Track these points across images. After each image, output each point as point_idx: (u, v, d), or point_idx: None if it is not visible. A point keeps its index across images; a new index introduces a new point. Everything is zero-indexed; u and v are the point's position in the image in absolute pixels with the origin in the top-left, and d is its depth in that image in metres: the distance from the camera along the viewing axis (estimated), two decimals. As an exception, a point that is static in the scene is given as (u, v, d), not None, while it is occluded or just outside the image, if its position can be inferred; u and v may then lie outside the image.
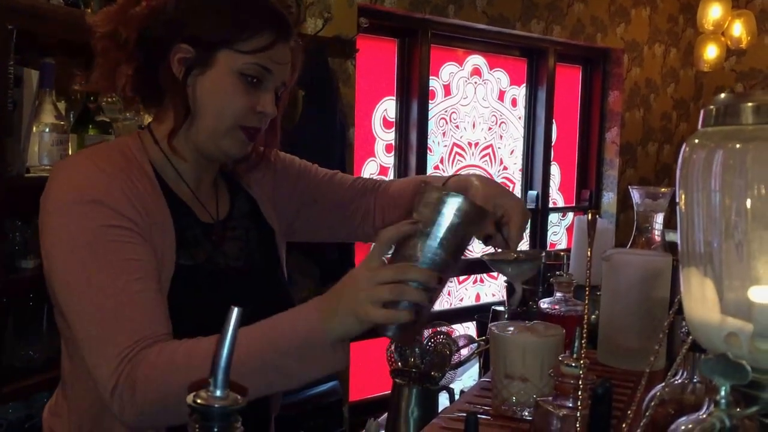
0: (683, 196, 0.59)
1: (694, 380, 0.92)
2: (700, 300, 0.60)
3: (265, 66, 1.09)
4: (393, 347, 1.43)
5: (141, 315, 0.99)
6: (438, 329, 1.49)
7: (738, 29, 4.28)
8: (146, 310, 1.00)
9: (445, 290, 3.99)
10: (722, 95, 0.57)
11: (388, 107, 3.65)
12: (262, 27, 1.08)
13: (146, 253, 1.03)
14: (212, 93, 1.08)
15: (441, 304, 3.96)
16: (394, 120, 3.67)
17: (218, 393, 0.50)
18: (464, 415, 0.97)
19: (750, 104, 0.56)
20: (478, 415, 1.03)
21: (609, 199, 4.80)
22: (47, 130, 1.86)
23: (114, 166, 1.06)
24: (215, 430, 0.49)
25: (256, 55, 1.08)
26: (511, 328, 1.22)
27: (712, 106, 0.58)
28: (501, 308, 1.97)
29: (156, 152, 1.13)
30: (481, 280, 4.18)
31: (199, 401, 0.49)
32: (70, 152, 1.92)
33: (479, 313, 2.11)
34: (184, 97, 1.09)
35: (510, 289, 2.11)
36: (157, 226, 1.07)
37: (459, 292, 4.08)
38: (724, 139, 0.56)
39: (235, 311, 0.51)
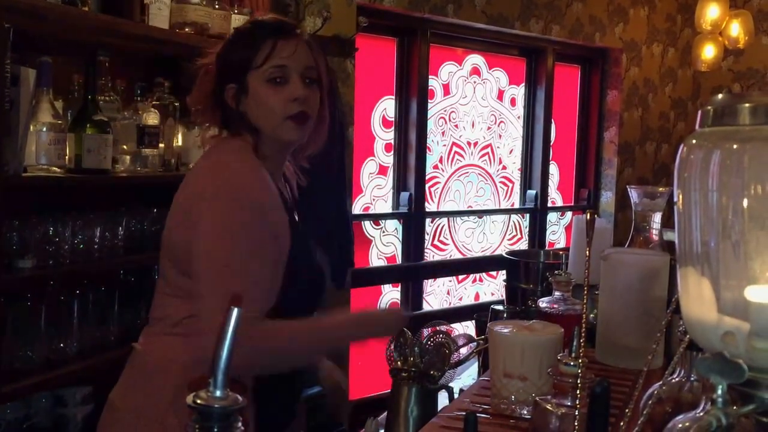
0: (681, 196, 0.59)
1: (692, 379, 0.93)
2: (698, 299, 0.60)
3: (279, 64, 1.38)
4: (392, 346, 1.43)
5: (257, 292, 1.29)
6: (437, 328, 1.49)
7: (735, 29, 4.29)
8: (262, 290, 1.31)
9: (444, 289, 3.99)
10: (719, 96, 0.58)
11: (387, 106, 3.65)
12: (264, 39, 1.39)
13: (274, 246, 1.35)
14: (257, 105, 1.40)
15: (440, 303, 3.96)
16: (393, 119, 3.67)
17: (218, 393, 0.50)
18: (463, 414, 0.97)
19: (747, 105, 0.57)
20: (478, 414, 1.03)
21: (607, 198, 4.80)
22: (45, 129, 1.86)
23: (262, 170, 1.39)
24: (215, 430, 0.49)
25: (268, 61, 1.38)
26: (510, 327, 1.22)
27: (709, 107, 0.58)
28: (500, 307, 1.97)
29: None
30: (480, 280, 4.19)
31: (199, 401, 0.50)
32: (67, 151, 1.92)
33: (478, 312, 2.11)
34: (247, 123, 1.41)
35: (510, 289, 2.11)
36: (283, 222, 1.39)
37: (458, 291, 4.08)
38: (722, 139, 0.56)
39: (235, 311, 0.51)
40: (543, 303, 1.53)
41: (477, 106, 4.09)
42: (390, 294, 3.75)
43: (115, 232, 2.08)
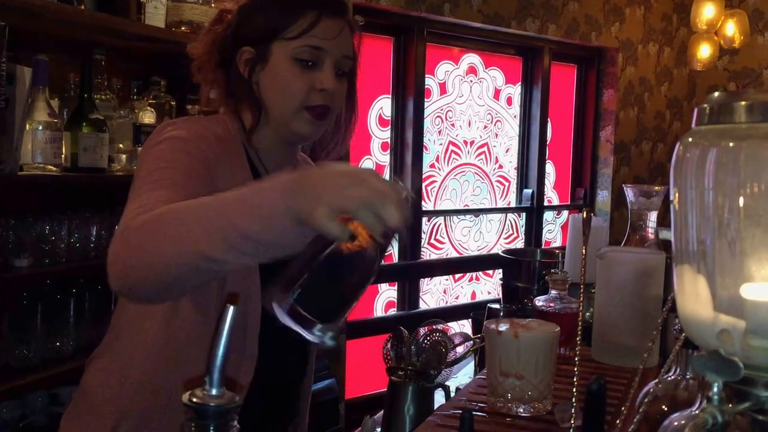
0: (677, 195, 0.59)
1: (687, 377, 0.93)
2: (693, 297, 0.60)
3: (316, 45, 1.15)
4: (389, 345, 1.43)
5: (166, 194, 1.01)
6: (434, 327, 1.49)
7: (731, 29, 4.30)
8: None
9: (441, 288, 3.99)
10: (716, 94, 0.58)
11: (383, 105, 3.65)
12: (304, 8, 1.15)
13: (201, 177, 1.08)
14: (274, 82, 1.17)
15: (437, 302, 3.96)
16: (389, 118, 3.67)
17: (214, 392, 0.50)
18: (460, 412, 0.97)
19: (743, 103, 0.57)
20: (474, 412, 1.03)
21: (603, 197, 4.81)
22: (40, 127, 1.85)
23: (219, 134, 1.15)
24: (211, 428, 0.49)
25: (304, 38, 1.14)
26: (506, 326, 1.22)
27: (705, 105, 0.58)
28: (496, 306, 1.97)
29: (244, 138, 1.21)
30: (477, 278, 4.19)
31: (194, 400, 0.50)
32: (63, 150, 1.92)
33: (475, 311, 2.12)
34: (253, 96, 1.18)
35: (506, 287, 2.12)
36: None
37: (455, 290, 4.09)
38: (718, 137, 0.56)
39: (231, 309, 0.51)
40: (539, 302, 1.53)
41: (473, 105, 4.09)
42: (387, 293, 3.75)
43: (112, 231, 2.08)
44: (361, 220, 0.82)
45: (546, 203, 4.56)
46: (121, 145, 2.13)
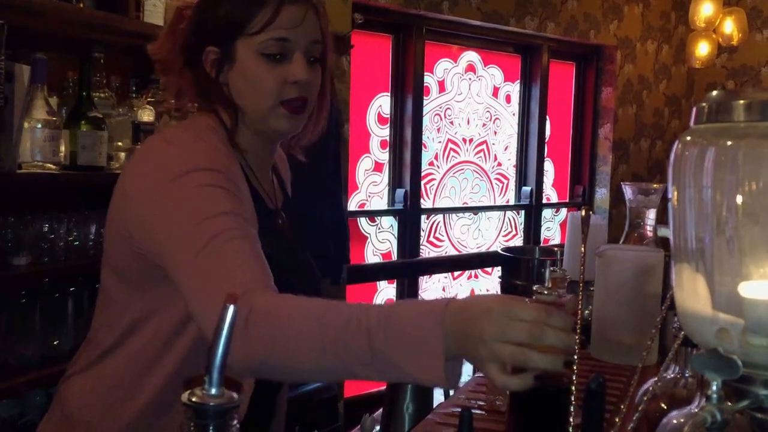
0: (675, 193, 0.59)
1: (686, 375, 0.93)
2: (692, 295, 0.60)
3: (282, 37, 1.09)
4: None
5: (244, 268, 0.95)
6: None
7: (729, 26, 4.30)
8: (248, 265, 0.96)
9: (440, 286, 3.99)
10: (714, 93, 0.58)
11: (382, 103, 3.64)
12: (263, 1, 1.09)
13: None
14: (244, 82, 1.11)
15: (435, 300, 3.95)
16: (388, 116, 3.67)
17: (213, 391, 0.50)
18: (459, 410, 0.97)
19: (742, 102, 0.57)
20: (473, 410, 1.03)
21: (602, 194, 4.81)
22: (39, 126, 1.85)
23: (213, 141, 1.10)
24: (210, 428, 0.49)
25: (268, 31, 1.09)
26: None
27: (704, 104, 0.58)
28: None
29: (227, 140, 1.15)
30: (476, 276, 4.19)
31: (194, 399, 0.49)
32: (62, 148, 1.92)
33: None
34: (225, 98, 1.13)
35: (502, 285, 2.12)
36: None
37: (454, 288, 4.09)
38: (716, 136, 0.56)
39: (231, 308, 0.51)
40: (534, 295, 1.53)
41: (472, 102, 4.09)
42: (385, 291, 3.76)
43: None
44: (536, 365, 0.78)
45: (545, 201, 4.56)
46: (119, 143, 2.13)
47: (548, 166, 4.61)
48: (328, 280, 3.01)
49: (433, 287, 3.97)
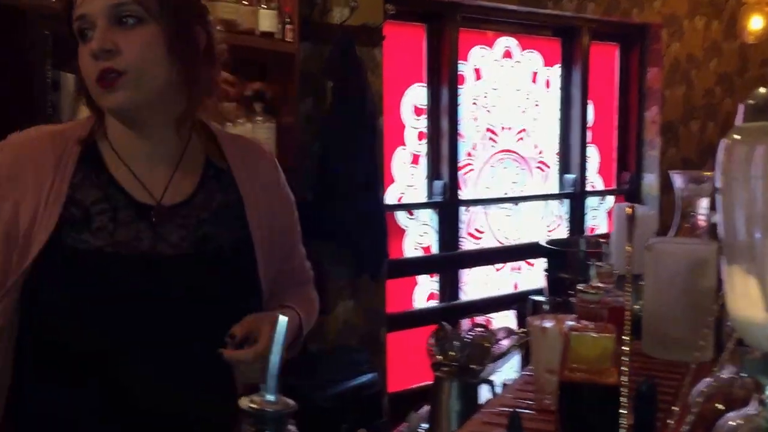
0: (724, 192, 0.57)
1: (742, 375, 0.89)
2: (744, 298, 0.59)
3: (80, 14, 1.04)
4: (433, 340, 1.42)
5: None
6: (476, 321, 1.47)
7: (782, -2, 4.14)
8: None
9: (481, 278, 3.95)
10: (761, 90, 0.55)
11: (417, 94, 3.62)
12: None
13: None
14: (80, 71, 1.08)
15: (478, 293, 3.92)
16: (424, 107, 3.64)
17: (270, 398, 0.53)
18: (507, 410, 0.95)
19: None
20: (522, 410, 1.01)
21: (650, 180, 4.69)
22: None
23: (36, 139, 1.10)
24: (268, 432, 0.53)
25: (73, 12, 1.05)
26: (552, 322, 1.19)
27: (751, 101, 0.56)
28: (540, 298, 1.93)
29: (101, 134, 1.13)
30: (519, 268, 4.14)
31: (252, 406, 0.53)
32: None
33: (517, 303, 2.08)
34: (78, 82, 1.11)
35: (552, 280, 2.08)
36: (28, 203, 1.05)
37: (496, 281, 4.05)
38: (765, 134, 0.54)
39: (283, 320, 0.53)
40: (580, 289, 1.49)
41: (510, 89, 4.03)
42: (427, 284, 3.74)
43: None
44: None
45: (589, 188, 4.47)
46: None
47: (593, 153, 4.52)
48: (368, 275, 3.01)
49: (474, 280, 3.94)
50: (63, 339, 1.05)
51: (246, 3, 2.34)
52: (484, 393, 1.41)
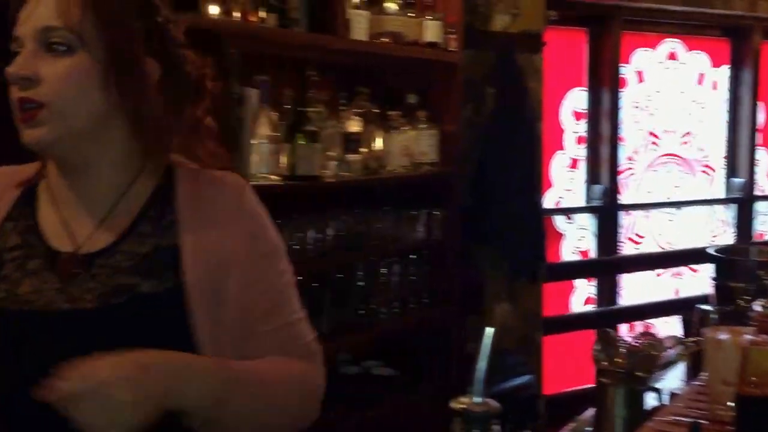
0: None
1: None
2: None
3: (15, 36, 0.92)
4: (599, 346, 1.43)
5: None
6: (642, 331, 1.47)
7: None
8: None
9: (641, 284, 3.82)
10: None
11: (577, 98, 3.58)
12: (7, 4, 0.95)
13: None
14: None
15: (637, 299, 3.82)
16: (583, 111, 3.60)
17: (477, 400, 0.57)
18: (682, 419, 0.97)
19: None
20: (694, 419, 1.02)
21: (829, 185, 4.34)
22: (265, 141, 2.05)
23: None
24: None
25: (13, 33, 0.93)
26: (728, 334, 1.18)
27: None
28: (708, 307, 1.88)
29: (43, 175, 1.02)
30: (680, 274, 3.98)
31: (460, 406, 0.57)
32: (285, 160, 2.10)
33: (678, 309, 2.03)
34: None
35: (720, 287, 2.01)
36: None
37: (656, 286, 3.92)
38: None
39: (491, 331, 0.59)
40: (757, 306, 1.45)
41: (674, 91, 3.88)
42: (584, 288, 3.69)
43: (325, 233, 2.25)
44: None
45: (758, 193, 4.22)
46: (331, 153, 2.29)
47: (762, 156, 4.26)
48: (525, 279, 3.03)
49: (634, 285, 3.83)
50: None
51: (412, 15, 2.43)
52: (649, 401, 1.41)
